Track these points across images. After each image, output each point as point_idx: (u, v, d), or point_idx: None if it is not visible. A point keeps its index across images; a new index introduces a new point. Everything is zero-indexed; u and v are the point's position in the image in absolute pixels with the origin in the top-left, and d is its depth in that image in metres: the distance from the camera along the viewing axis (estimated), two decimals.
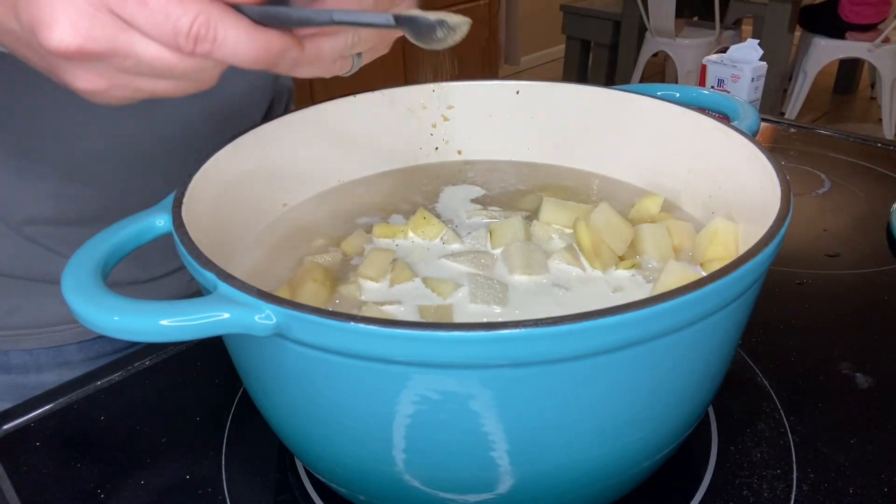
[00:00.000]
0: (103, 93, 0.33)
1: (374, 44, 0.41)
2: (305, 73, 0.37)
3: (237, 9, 0.32)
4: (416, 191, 0.59)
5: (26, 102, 0.53)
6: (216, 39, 0.31)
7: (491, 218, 0.55)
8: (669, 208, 0.55)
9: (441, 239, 0.51)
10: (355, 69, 0.42)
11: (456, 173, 0.62)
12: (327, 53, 0.37)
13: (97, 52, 0.31)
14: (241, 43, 0.32)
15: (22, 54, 0.34)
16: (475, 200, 0.58)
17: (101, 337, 0.65)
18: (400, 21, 0.37)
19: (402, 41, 0.41)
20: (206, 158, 0.47)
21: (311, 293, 0.44)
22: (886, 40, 3.01)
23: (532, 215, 0.54)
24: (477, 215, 0.55)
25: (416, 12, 0.37)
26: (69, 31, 0.30)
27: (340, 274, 0.48)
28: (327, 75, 0.38)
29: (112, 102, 0.34)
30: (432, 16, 0.38)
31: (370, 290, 0.46)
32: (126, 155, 0.49)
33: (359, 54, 0.41)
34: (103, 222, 0.41)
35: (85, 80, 0.32)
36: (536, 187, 0.59)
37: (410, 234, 0.52)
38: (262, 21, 0.33)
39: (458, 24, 0.38)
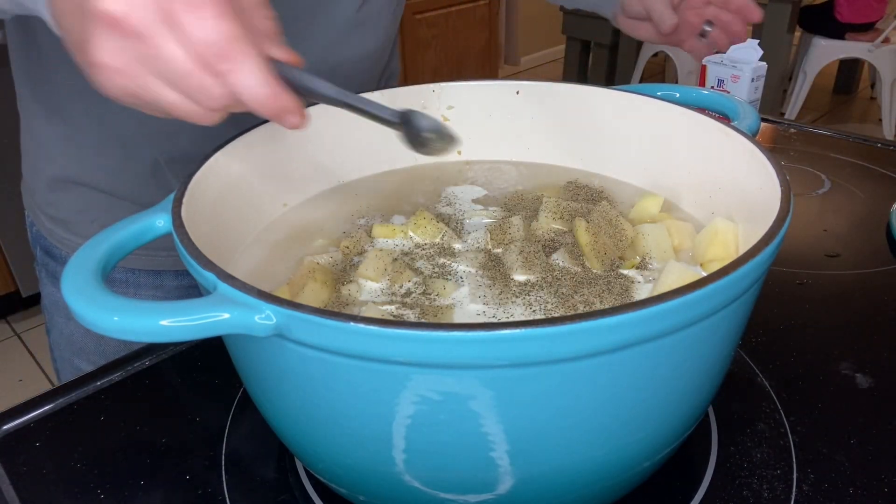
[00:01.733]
0: (115, 71, 0.34)
1: None
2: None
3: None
4: (416, 191, 0.59)
5: None
6: (236, 67, 0.33)
7: (491, 218, 0.55)
8: (669, 208, 0.55)
9: (441, 239, 0.51)
10: None
11: (456, 173, 0.62)
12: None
13: (132, 28, 0.33)
14: (256, 81, 0.34)
15: (67, 20, 0.36)
16: (476, 200, 0.58)
17: None
18: (404, 120, 0.41)
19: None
20: (206, 159, 0.47)
21: (311, 293, 0.44)
22: (886, 40, 3.01)
23: (532, 215, 0.54)
24: (477, 215, 0.55)
25: (423, 116, 0.40)
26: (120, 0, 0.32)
27: (340, 274, 0.48)
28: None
29: (113, 87, 0.35)
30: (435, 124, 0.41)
31: (370, 290, 0.46)
32: None
33: None
34: None
35: (106, 52, 0.34)
36: (536, 187, 0.59)
37: (410, 234, 0.52)
38: (283, 78, 0.36)
39: (455, 138, 0.41)
